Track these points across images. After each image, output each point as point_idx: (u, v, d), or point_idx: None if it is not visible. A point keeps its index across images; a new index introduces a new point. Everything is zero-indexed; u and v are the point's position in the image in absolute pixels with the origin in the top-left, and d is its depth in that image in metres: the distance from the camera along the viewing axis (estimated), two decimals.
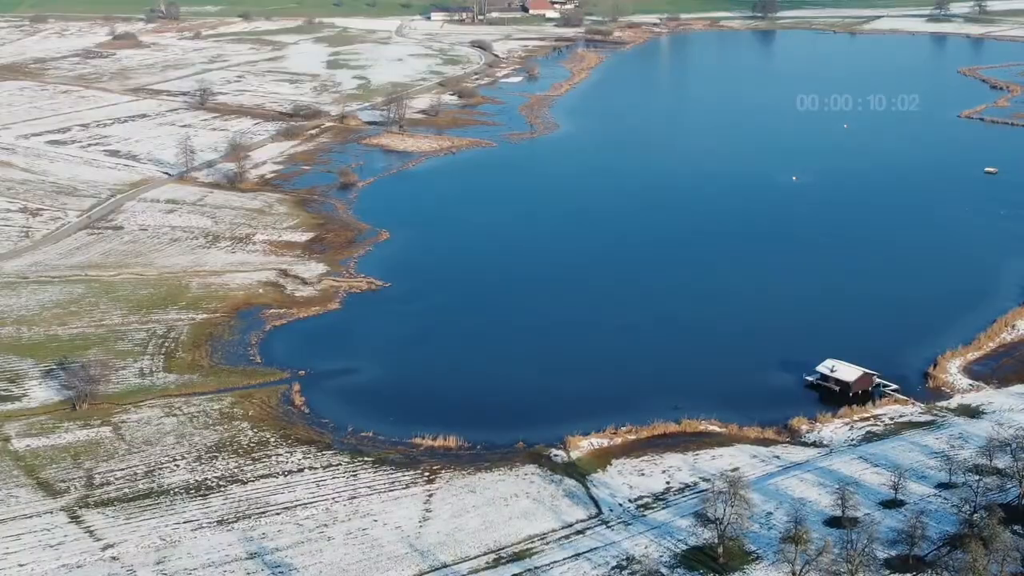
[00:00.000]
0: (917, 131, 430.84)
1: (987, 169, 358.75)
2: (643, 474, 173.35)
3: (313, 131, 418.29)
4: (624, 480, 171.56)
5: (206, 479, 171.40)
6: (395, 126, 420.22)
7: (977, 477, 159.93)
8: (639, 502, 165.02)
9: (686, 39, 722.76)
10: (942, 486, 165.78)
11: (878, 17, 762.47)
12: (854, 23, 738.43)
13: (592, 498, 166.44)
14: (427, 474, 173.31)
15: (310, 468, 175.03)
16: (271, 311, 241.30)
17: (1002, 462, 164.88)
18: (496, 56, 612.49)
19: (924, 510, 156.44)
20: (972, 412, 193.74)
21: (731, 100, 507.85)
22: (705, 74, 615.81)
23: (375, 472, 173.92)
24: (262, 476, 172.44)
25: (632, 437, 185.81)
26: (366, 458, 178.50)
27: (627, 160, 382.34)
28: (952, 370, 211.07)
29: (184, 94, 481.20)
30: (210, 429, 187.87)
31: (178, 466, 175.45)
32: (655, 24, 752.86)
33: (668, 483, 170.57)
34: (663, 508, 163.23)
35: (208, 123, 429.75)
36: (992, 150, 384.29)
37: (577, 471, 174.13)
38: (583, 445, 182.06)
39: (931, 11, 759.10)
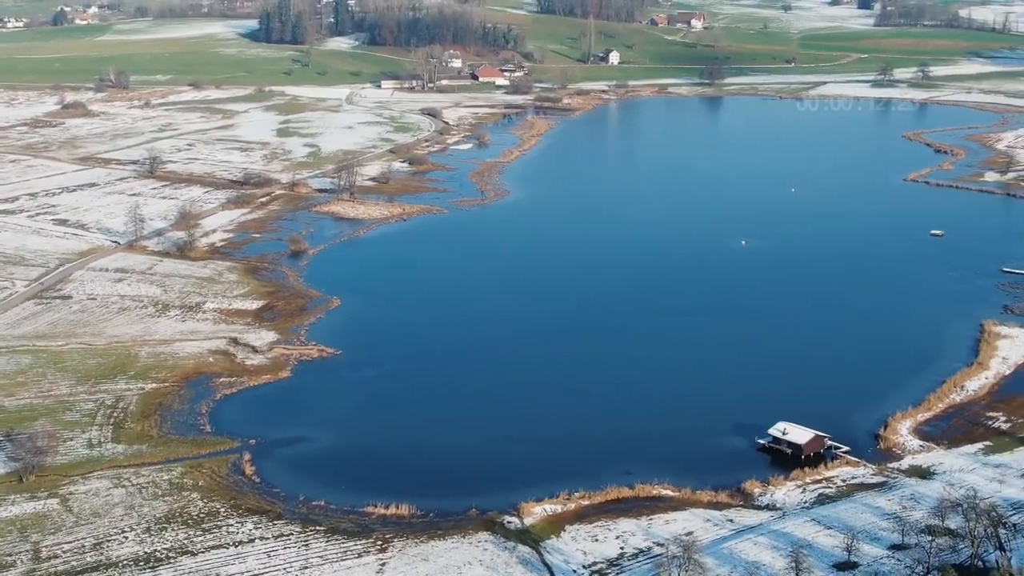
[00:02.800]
0: (864, 194, 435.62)
1: (933, 232, 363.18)
2: (597, 540, 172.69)
3: (263, 199, 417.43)
4: (578, 546, 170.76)
5: (155, 551, 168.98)
6: (346, 193, 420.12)
7: (930, 538, 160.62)
8: (593, 568, 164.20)
9: (635, 105, 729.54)
10: (895, 547, 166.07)
11: (823, 83, 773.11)
12: (800, 89, 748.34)
13: (546, 565, 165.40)
14: (380, 543, 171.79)
15: (261, 538, 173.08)
16: (221, 380, 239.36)
17: (954, 523, 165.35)
18: (446, 123, 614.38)
19: (878, 572, 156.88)
20: (923, 473, 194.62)
21: (679, 165, 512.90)
22: (653, 140, 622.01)
23: (327, 541, 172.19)
24: (212, 547, 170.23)
25: (586, 503, 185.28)
26: (318, 527, 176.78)
27: (577, 226, 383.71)
28: (903, 431, 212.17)
29: (133, 163, 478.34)
30: (159, 500, 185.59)
31: (127, 538, 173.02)
32: (604, 91, 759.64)
33: (622, 548, 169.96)
34: (617, 574, 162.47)
35: (158, 191, 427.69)
36: (938, 213, 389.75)
37: (531, 538, 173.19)
38: (536, 511, 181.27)
39: (876, 77, 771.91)
